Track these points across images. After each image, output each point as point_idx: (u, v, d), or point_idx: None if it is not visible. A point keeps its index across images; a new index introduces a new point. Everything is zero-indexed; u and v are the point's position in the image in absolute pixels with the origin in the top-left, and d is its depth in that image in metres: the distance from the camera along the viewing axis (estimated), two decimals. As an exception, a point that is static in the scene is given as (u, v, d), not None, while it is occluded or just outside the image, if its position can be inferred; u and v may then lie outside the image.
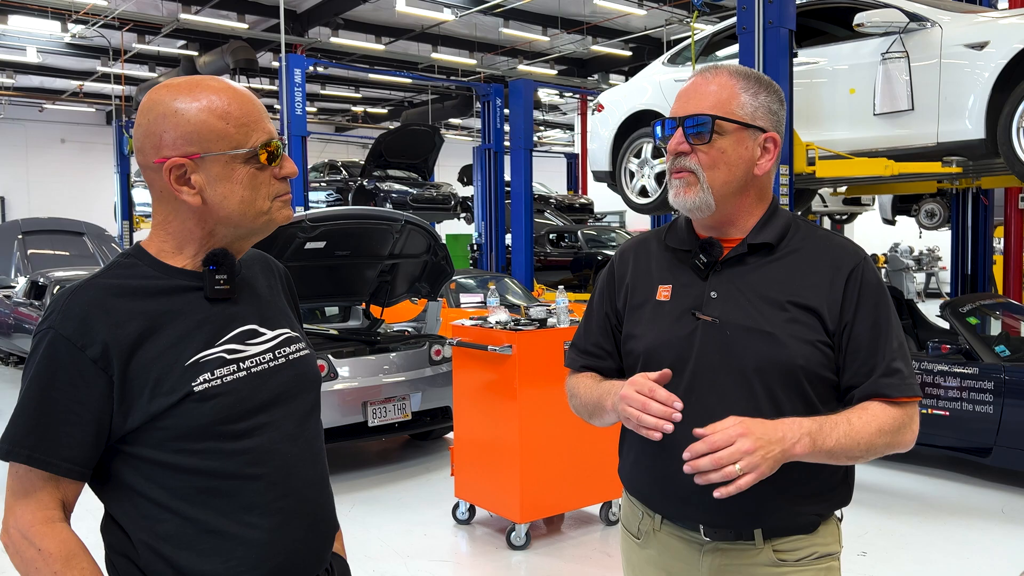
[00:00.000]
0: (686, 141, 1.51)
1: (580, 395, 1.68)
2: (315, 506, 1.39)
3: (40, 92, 22.72)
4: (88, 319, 1.22)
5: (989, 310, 6.09)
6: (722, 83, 1.52)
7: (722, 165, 1.50)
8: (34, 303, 9.81)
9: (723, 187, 1.51)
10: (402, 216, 5.70)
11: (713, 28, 6.67)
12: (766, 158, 1.53)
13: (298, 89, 10.29)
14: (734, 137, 1.50)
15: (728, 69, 1.54)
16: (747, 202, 1.55)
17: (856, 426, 1.43)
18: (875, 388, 1.47)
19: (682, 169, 1.53)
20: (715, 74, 1.53)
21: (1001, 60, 4.75)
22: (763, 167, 1.53)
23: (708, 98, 1.51)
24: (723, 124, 1.49)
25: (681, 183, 1.53)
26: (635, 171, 6.56)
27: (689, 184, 1.52)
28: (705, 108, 1.50)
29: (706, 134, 1.49)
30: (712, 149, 1.50)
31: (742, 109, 1.50)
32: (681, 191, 1.53)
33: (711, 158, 1.50)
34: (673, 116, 1.54)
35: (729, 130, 1.50)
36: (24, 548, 1.21)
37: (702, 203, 1.52)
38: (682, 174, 1.53)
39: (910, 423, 1.49)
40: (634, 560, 1.69)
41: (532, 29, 17.36)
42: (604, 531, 4.56)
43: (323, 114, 26.71)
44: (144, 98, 1.29)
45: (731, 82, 1.52)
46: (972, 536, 4.46)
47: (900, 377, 1.48)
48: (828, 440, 1.40)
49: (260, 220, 1.32)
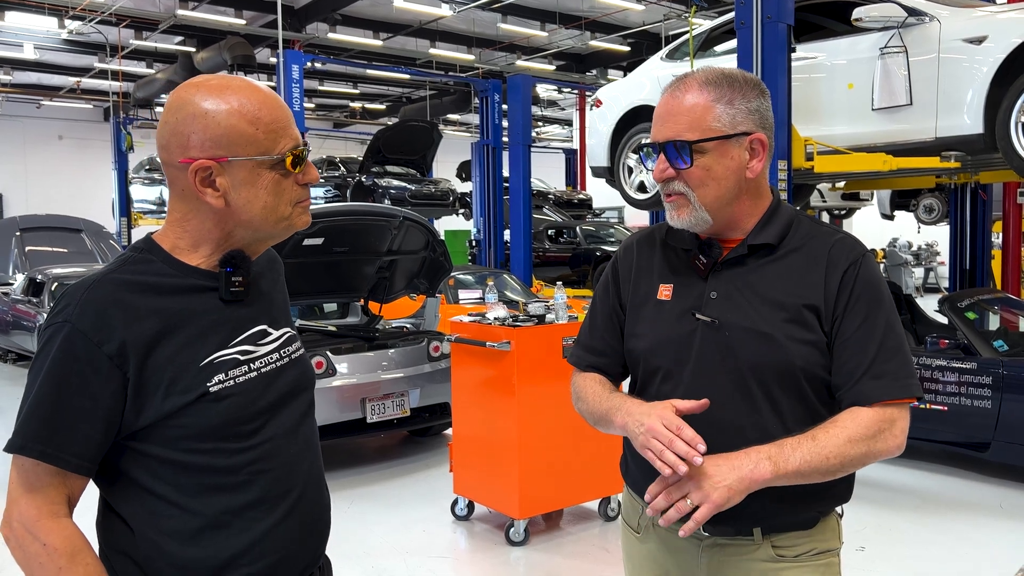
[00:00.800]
0: (670, 167, 1.49)
1: (588, 401, 1.65)
2: (314, 502, 1.40)
3: (37, 89, 22.67)
4: (106, 314, 1.21)
5: (987, 305, 6.10)
6: (694, 100, 1.47)
7: (710, 182, 1.48)
8: (32, 300, 9.80)
9: (715, 201, 1.50)
10: (400, 212, 5.70)
11: (711, 23, 6.66)
12: (756, 160, 1.50)
13: (296, 85, 10.27)
14: (716, 152, 1.47)
15: (698, 80, 1.49)
16: (744, 206, 1.53)
17: (821, 441, 1.39)
18: (857, 392, 1.44)
19: (671, 193, 1.52)
20: (685, 89, 1.49)
21: (1000, 55, 4.75)
22: (755, 169, 1.50)
23: (682, 119, 1.47)
24: (702, 144, 1.46)
25: (673, 205, 1.53)
26: (633, 167, 6.55)
27: (681, 206, 1.51)
28: (681, 130, 1.47)
29: (686, 158, 1.47)
30: (696, 169, 1.48)
31: (718, 121, 1.46)
32: (675, 213, 1.53)
33: (697, 178, 1.48)
34: (652, 142, 1.52)
35: (709, 147, 1.47)
36: (28, 542, 1.20)
37: (698, 220, 1.51)
38: (673, 197, 1.52)
39: (890, 428, 1.43)
40: (634, 554, 1.70)
41: (530, 24, 17.33)
42: (603, 527, 4.56)
43: (321, 110, 26.67)
44: (172, 95, 1.28)
45: (702, 96, 1.47)
46: (970, 531, 4.47)
47: (891, 378, 1.44)
48: (791, 461, 1.38)
49: (280, 226, 1.32)
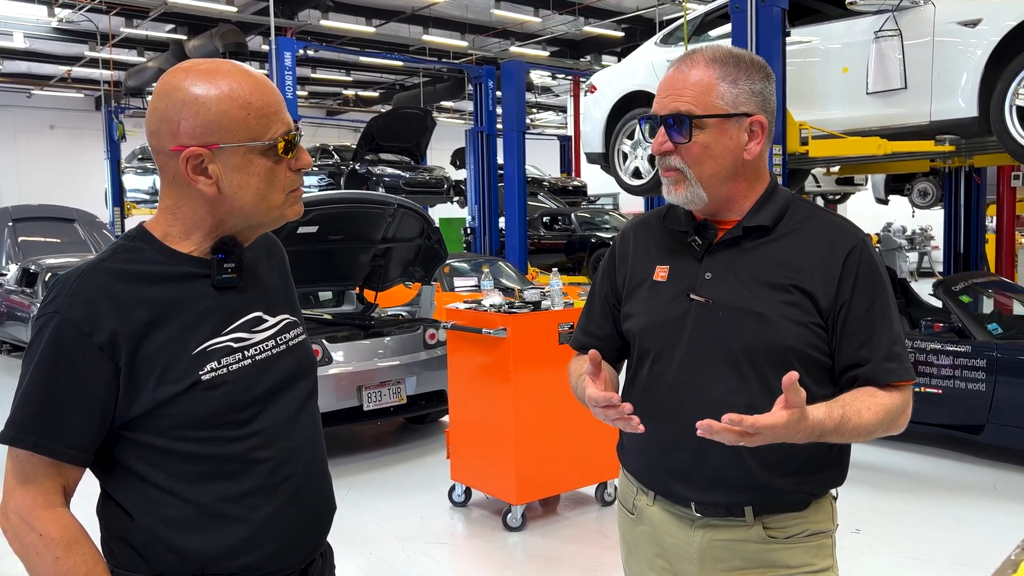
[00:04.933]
0: (669, 140, 1.50)
1: (571, 379, 1.72)
2: (315, 489, 1.40)
3: (28, 78, 22.49)
4: (95, 304, 1.20)
5: (981, 288, 6.12)
6: (699, 76, 1.48)
7: (707, 159, 1.49)
8: (26, 291, 9.76)
9: (711, 179, 1.50)
10: (395, 200, 5.68)
11: (706, 8, 6.64)
12: (755, 142, 1.50)
13: (288, 73, 10.21)
14: (716, 130, 1.48)
15: (705, 56, 1.50)
16: (740, 187, 1.54)
17: (865, 418, 1.42)
18: (877, 372, 1.47)
19: (669, 168, 1.53)
20: (691, 64, 1.50)
21: (994, 37, 4.74)
22: (752, 151, 1.51)
23: (686, 92, 1.48)
24: (702, 120, 1.48)
25: (670, 181, 1.54)
26: (628, 152, 6.54)
27: (677, 182, 1.52)
28: (683, 104, 1.48)
29: (686, 133, 1.48)
30: (695, 145, 1.48)
31: (721, 100, 1.47)
32: (671, 188, 1.54)
33: (695, 154, 1.49)
34: (653, 114, 1.53)
35: (709, 124, 1.47)
36: (25, 533, 1.20)
37: (694, 197, 1.52)
38: (670, 172, 1.53)
39: (906, 408, 1.49)
40: (629, 536, 1.71)
41: (524, 10, 17.22)
42: (600, 511, 4.58)
43: (314, 98, 26.50)
44: (161, 80, 1.26)
45: (708, 73, 1.48)
46: (965, 513, 4.50)
47: (899, 361, 1.48)
48: (834, 409, 1.40)
49: (272, 214, 1.31)
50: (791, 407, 1.28)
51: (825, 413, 1.37)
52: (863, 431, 1.42)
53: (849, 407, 1.42)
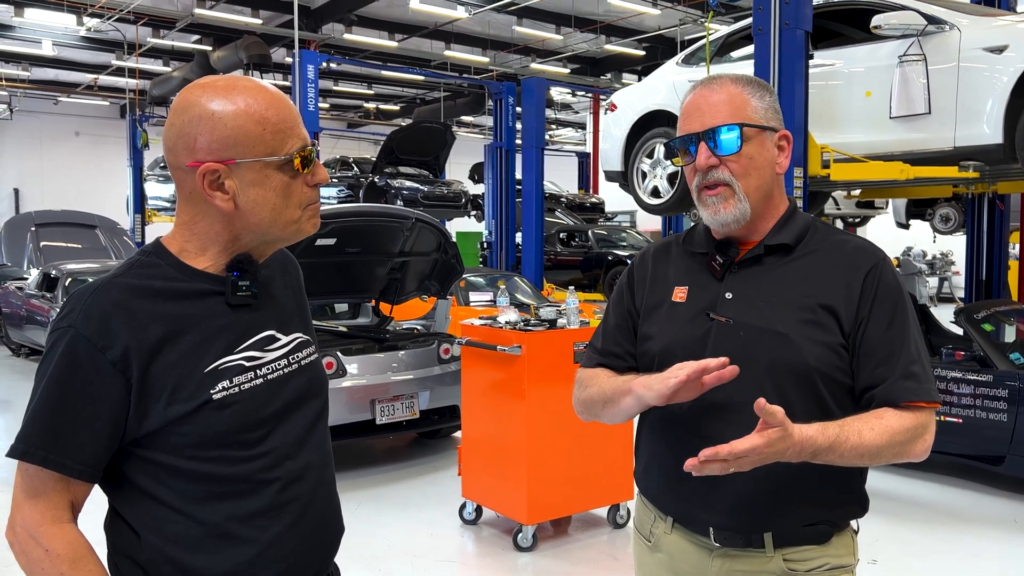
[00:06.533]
0: (714, 154, 1.50)
1: (596, 385, 1.61)
2: (322, 510, 1.38)
3: (55, 85, 22.85)
4: (110, 320, 1.20)
5: (1004, 317, 6.02)
6: (730, 92, 1.52)
7: (753, 171, 1.51)
8: (46, 295, 9.86)
9: (755, 192, 1.51)
10: (413, 214, 5.69)
11: (728, 28, 6.63)
12: (783, 156, 1.55)
13: (311, 85, 10.31)
14: (757, 141, 1.51)
15: (729, 78, 1.55)
16: (772, 204, 1.56)
17: (866, 438, 1.38)
18: (893, 391, 1.43)
19: (716, 183, 1.51)
20: (720, 84, 1.53)
21: (1020, 64, 4.70)
22: (783, 165, 1.56)
23: (722, 109, 1.50)
24: (747, 130, 1.50)
25: (718, 198, 1.51)
26: (647, 171, 6.52)
27: (726, 198, 1.51)
28: (726, 118, 1.50)
29: (736, 143, 1.49)
30: (741, 157, 1.50)
31: (756, 113, 1.51)
32: (719, 206, 1.51)
33: (742, 166, 1.50)
34: (692, 132, 1.51)
35: (752, 135, 1.51)
36: (31, 548, 1.20)
37: (741, 214, 1.51)
38: (717, 189, 1.51)
39: (923, 433, 1.44)
40: (645, 563, 1.68)
41: (545, 27, 17.32)
42: (611, 534, 4.53)
43: (335, 110, 26.75)
44: (178, 97, 1.27)
45: (737, 89, 1.52)
46: (984, 545, 4.41)
47: (917, 381, 1.44)
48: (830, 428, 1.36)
49: (289, 229, 1.30)
50: (767, 428, 1.28)
51: (817, 430, 1.34)
52: (865, 452, 1.38)
53: (848, 426, 1.38)
